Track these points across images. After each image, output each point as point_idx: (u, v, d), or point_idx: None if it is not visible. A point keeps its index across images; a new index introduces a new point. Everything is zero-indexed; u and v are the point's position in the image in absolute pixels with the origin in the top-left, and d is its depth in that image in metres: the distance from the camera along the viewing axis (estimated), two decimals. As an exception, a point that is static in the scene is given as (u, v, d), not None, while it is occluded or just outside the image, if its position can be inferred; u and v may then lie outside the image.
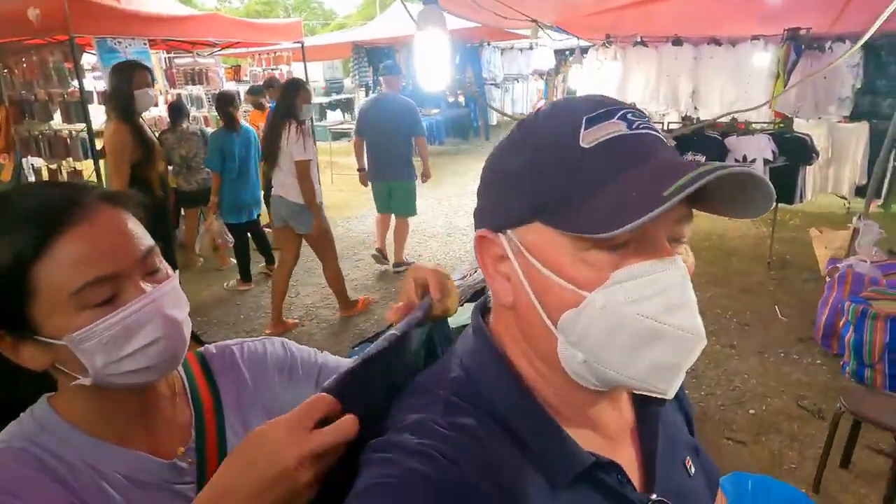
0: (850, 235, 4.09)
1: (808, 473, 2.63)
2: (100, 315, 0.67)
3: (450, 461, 0.52)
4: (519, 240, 0.57)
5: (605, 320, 0.51)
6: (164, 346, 0.71)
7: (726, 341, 3.87)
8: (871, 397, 2.50)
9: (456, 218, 7.04)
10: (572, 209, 0.52)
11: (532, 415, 0.58)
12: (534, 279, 0.56)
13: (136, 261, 0.71)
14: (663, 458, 0.65)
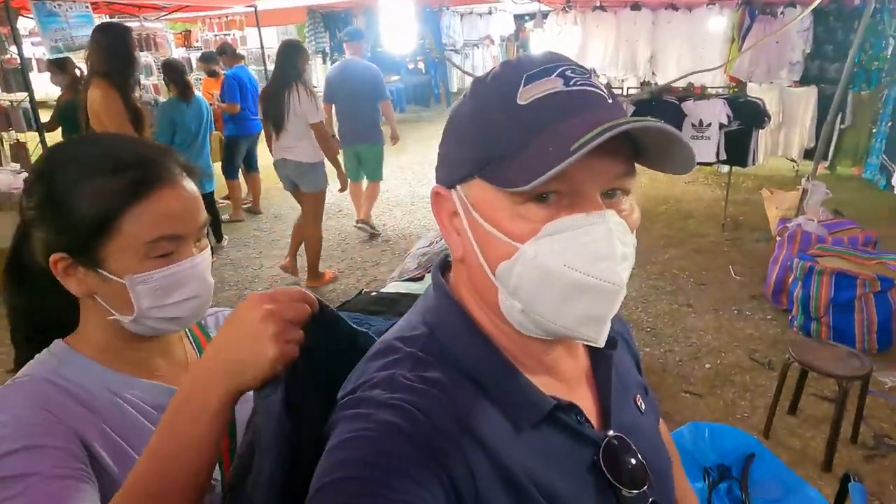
0: (799, 196, 4.27)
1: (760, 420, 2.80)
2: (157, 266, 0.77)
3: (421, 412, 0.54)
4: (465, 195, 0.59)
5: (537, 271, 0.54)
6: (197, 303, 0.82)
7: (683, 300, 4.03)
8: (816, 348, 2.65)
9: (419, 186, 7.01)
10: (504, 165, 0.55)
11: (494, 365, 0.60)
12: (477, 233, 0.58)
13: (198, 228, 0.81)
14: (617, 398, 0.69)
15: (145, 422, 0.81)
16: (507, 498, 0.55)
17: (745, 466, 2.12)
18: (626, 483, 0.62)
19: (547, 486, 0.57)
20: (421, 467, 0.51)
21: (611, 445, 0.63)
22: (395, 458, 0.51)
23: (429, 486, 0.51)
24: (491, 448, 0.55)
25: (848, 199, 5.92)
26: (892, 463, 2.51)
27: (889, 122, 6.10)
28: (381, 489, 0.49)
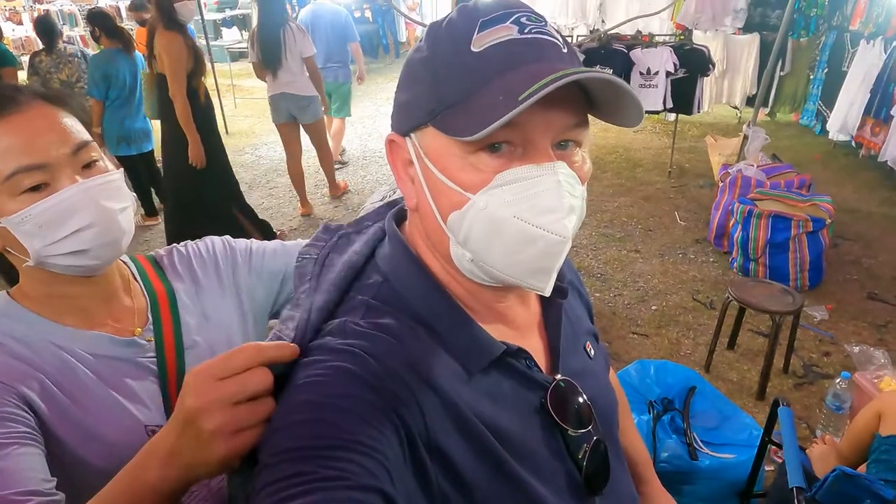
0: (740, 142, 4.41)
1: (701, 357, 2.97)
2: (33, 201, 0.73)
3: (372, 357, 0.55)
4: (419, 143, 0.59)
5: (486, 221, 0.55)
6: (97, 231, 0.77)
7: (631, 246, 4.16)
8: (752, 286, 2.81)
9: (370, 141, 6.89)
10: (455, 112, 0.54)
11: (447, 311, 0.62)
12: (430, 182, 0.58)
13: (67, 153, 0.76)
14: (566, 344, 0.72)
15: (90, 374, 0.79)
16: (459, 438, 0.57)
17: (687, 399, 2.26)
18: (572, 423, 0.65)
19: (496, 426, 0.59)
20: (373, 409, 0.52)
21: (558, 388, 0.66)
22: (348, 400, 0.52)
23: (381, 427, 0.52)
24: (442, 391, 0.57)
25: (786, 145, 6.16)
26: (819, 389, 2.72)
27: (825, 69, 6.31)
28: (334, 430, 0.50)
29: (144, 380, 0.84)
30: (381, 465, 0.50)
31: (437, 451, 0.55)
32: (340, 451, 0.49)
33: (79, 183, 0.76)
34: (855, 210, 4.66)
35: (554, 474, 0.64)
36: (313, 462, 0.49)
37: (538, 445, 0.63)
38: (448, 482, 0.55)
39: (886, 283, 3.63)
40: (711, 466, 2.00)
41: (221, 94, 7.31)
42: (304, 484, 0.47)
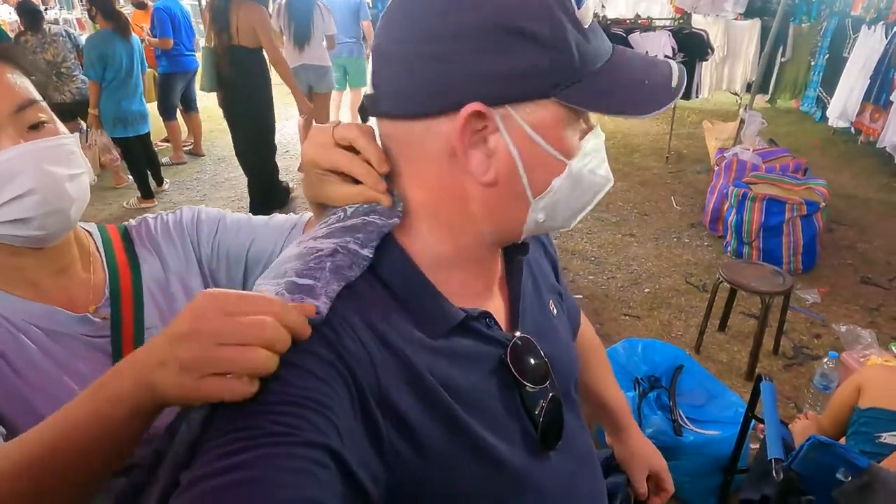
0: (737, 126, 4.39)
1: (692, 338, 2.97)
2: None
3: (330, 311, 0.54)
4: (520, 114, 0.56)
5: (573, 182, 0.60)
6: (39, 199, 0.70)
7: (627, 230, 4.16)
8: (743, 267, 2.81)
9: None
10: (590, 84, 0.57)
11: (412, 279, 0.61)
12: (529, 153, 0.57)
13: (8, 112, 0.70)
14: (528, 302, 0.72)
15: (37, 350, 0.75)
16: (412, 395, 0.56)
17: (674, 377, 2.27)
18: (529, 379, 0.65)
19: (451, 384, 0.59)
20: (324, 364, 0.52)
21: (516, 346, 0.66)
22: (300, 356, 0.51)
23: (332, 383, 0.51)
24: (400, 352, 0.57)
25: (786, 132, 6.14)
26: (808, 370, 2.72)
27: (826, 55, 6.27)
28: (284, 386, 0.50)
29: (95, 360, 0.78)
30: (330, 421, 0.50)
31: (388, 407, 0.55)
32: (289, 406, 0.49)
33: (20, 145, 0.69)
34: (852, 196, 4.65)
35: (509, 430, 0.64)
36: (261, 417, 0.48)
37: (494, 402, 0.63)
38: (400, 438, 0.55)
39: (881, 268, 3.63)
40: (696, 442, 2.01)
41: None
42: (251, 439, 0.47)
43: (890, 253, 3.79)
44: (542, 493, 0.66)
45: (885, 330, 3.01)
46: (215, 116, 7.03)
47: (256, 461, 0.46)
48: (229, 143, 6.24)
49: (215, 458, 0.46)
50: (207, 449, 0.48)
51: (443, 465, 0.57)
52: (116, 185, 5.18)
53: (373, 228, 0.60)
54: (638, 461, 1.02)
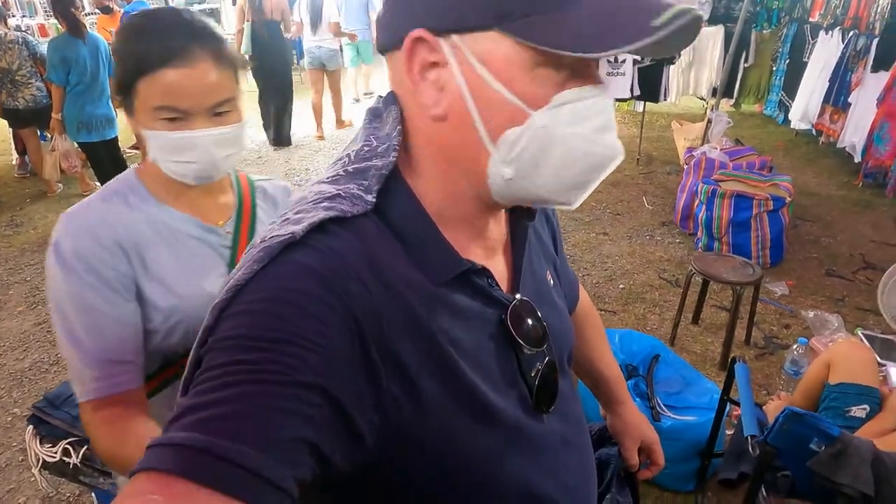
0: (705, 126, 4.50)
1: (667, 331, 3.02)
2: (165, 127, 0.92)
3: (335, 253, 0.54)
4: (469, 47, 0.53)
5: (544, 140, 0.53)
6: (196, 168, 0.96)
7: (600, 229, 4.21)
8: (714, 260, 2.87)
9: (341, 131, 6.85)
10: (544, 20, 0.50)
11: (419, 222, 0.60)
12: (479, 92, 0.53)
13: (206, 107, 0.93)
14: (529, 267, 0.72)
15: (179, 247, 0.99)
16: (412, 342, 0.56)
17: (651, 366, 2.30)
18: (526, 341, 0.65)
19: (453, 336, 0.59)
20: (326, 306, 0.51)
21: (516, 307, 0.66)
22: (301, 296, 0.51)
23: (331, 324, 0.51)
24: (401, 295, 0.56)
25: (750, 134, 6.32)
26: (778, 359, 2.79)
27: (787, 60, 6.47)
28: (282, 323, 0.49)
29: (216, 263, 1.03)
30: (327, 362, 0.49)
31: (388, 353, 0.54)
32: (285, 344, 0.48)
33: (201, 130, 0.93)
34: (815, 194, 4.80)
35: (505, 388, 0.64)
36: (256, 352, 0.48)
37: (491, 360, 0.63)
38: (398, 384, 0.55)
39: (844, 261, 3.74)
40: (673, 427, 2.04)
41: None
42: (245, 373, 0.47)
43: (853, 247, 3.92)
44: (534, 453, 0.66)
45: (851, 319, 3.10)
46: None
47: (247, 395, 0.45)
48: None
49: (209, 388, 0.46)
50: (203, 379, 0.47)
51: (438, 413, 0.57)
52: (83, 192, 5.04)
53: (374, 172, 0.58)
54: (631, 433, 1.02)
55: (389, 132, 0.61)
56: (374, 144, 0.61)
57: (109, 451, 0.90)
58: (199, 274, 1.01)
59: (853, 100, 5.02)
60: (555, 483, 0.68)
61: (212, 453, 0.42)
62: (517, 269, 0.71)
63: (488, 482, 0.61)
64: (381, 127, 0.63)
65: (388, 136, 0.61)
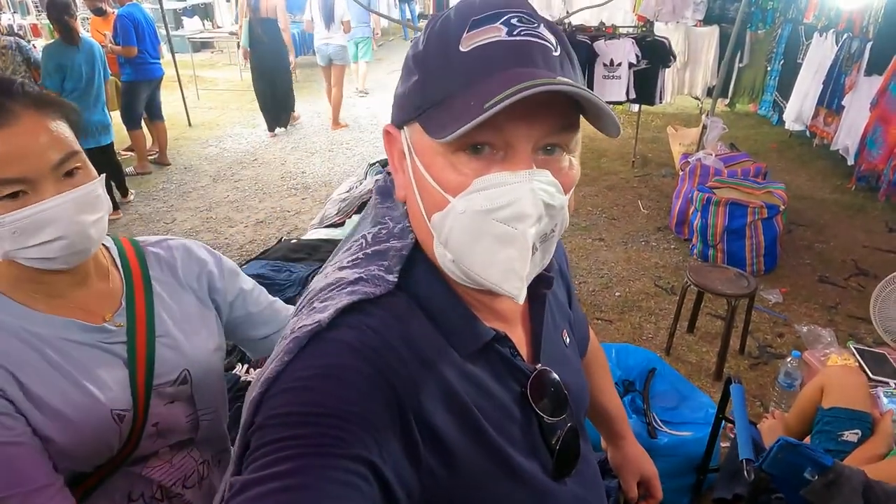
0: (700, 132, 4.52)
1: (662, 340, 3.06)
2: (7, 209, 0.75)
3: (373, 331, 0.57)
4: (408, 137, 0.60)
5: (467, 224, 0.55)
6: (66, 244, 0.79)
7: (596, 235, 4.24)
8: (710, 271, 2.90)
9: (337, 133, 6.84)
10: (436, 112, 0.55)
11: (443, 296, 0.63)
12: (417, 178, 0.59)
13: (50, 167, 0.77)
14: (547, 335, 0.74)
15: (58, 359, 0.83)
16: (448, 415, 0.59)
17: (647, 380, 2.34)
18: (548, 411, 0.68)
19: (481, 406, 0.62)
20: (370, 382, 0.54)
21: (538, 377, 0.68)
22: (347, 372, 0.53)
23: (375, 400, 0.53)
24: (435, 369, 0.59)
25: (745, 135, 6.35)
26: (772, 368, 2.83)
27: (782, 61, 6.50)
28: (331, 399, 0.51)
29: (112, 365, 0.88)
30: (373, 437, 0.51)
31: (426, 426, 0.57)
32: (335, 419, 0.50)
33: (56, 197, 0.77)
34: (808, 197, 4.84)
35: (530, 454, 0.67)
36: (308, 427, 0.50)
37: (515, 428, 0.66)
38: (435, 456, 0.57)
39: (837, 267, 3.79)
40: (670, 444, 2.07)
41: (184, 85, 7.16)
42: (300, 447, 0.49)
43: (845, 252, 3.97)
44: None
45: (843, 327, 3.15)
46: (179, 124, 6.92)
47: (304, 469, 0.48)
48: (196, 151, 6.16)
49: (265, 464, 0.48)
50: (257, 456, 0.49)
51: (474, 481, 0.60)
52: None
53: (394, 253, 0.62)
54: (630, 467, 1.06)
55: (404, 213, 0.65)
56: (390, 226, 0.65)
57: None
58: (92, 387, 0.84)
59: (847, 103, 5.06)
60: None
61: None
62: (536, 337, 0.73)
63: None
64: (393, 207, 0.67)
65: (402, 215, 0.65)
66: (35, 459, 0.77)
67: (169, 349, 0.94)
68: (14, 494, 0.74)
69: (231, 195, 5.05)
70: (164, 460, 0.95)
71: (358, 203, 3.35)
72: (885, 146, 4.54)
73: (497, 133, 0.53)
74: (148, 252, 0.99)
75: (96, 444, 0.84)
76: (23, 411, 0.79)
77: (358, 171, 4.72)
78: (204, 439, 1.01)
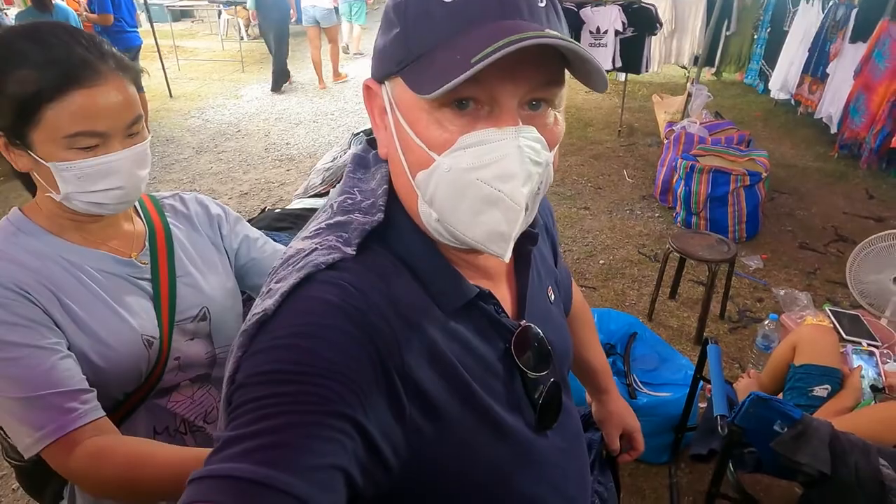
0: (685, 100, 4.52)
1: (645, 306, 3.10)
2: (80, 156, 0.83)
3: (356, 290, 0.56)
4: (390, 91, 0.58)
5: (452, 183, 0.54)
6: (121, 193, 0.88)
7: (581, 204, 4.26)
8: (691, 237, 2.94)
9: (322, 103, 6.76)
10: (419, 66, 0.53)
11: (427, 254, 0.63)
12: (400, 135, 0.57)
13: (124, 126, 0.86)
14: (532, 291, 0.75)
15: (95, 287, 0.90)
16: (432, 372, 0.59)
17: (628, 344, 2.38)
18: (531, 366, 0.69)
19: (465, 362, 0.63)
20: (352, 340, 0.54)
21: (522, 333, 0.69)
22: (329, 330, 0.53)
23: (359, 357, 0.53)
24: (419, 328, 0.59)
25: (730, 104, 6.36)
26: (751, 332, 2.89)
27: (769, 28, 6.47)
28: (313, 357, 0.52)
29: (140, 296, 0.95)
30: (356, 394, 0.52)
31: (411, 383, 0.57)
32: (318, 377, 0.51)
33: (123, 151, 0.86)
34: (791, 165, 4.88)
35: (513, 408, 0.68)
36: (291, 385, 0.50)
37: (499, 383, 0.67)
38: (420, 413, 0.58)
39: (817, 233, 3.85)
40: (649, 404, 2.13)
41: (164, 56, 7.01)
42: (283, 405, 0.49)
43: (826, 219, 4.02)
44: (539, 468, 0.70)
45: (821, 292, 3.22)
46: (160, 95, 6.80)
47: (287, 426, 0.48)
48: (178, 123, 6.07)
49: (248, 421, 0.49)
50: (240, 413, 0.50)
51: (459, 436, 0.61)
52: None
53: (357, 226, 0.61)
54: (614, 421, 1.09)
55: (375, 188, 0.64)
56: (357, 198, 0.64)
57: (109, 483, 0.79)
58: (125, 312, 0.92)
59: (831, 70, 5.07)
60: (558, 495, 0.73)
61: (260, 483, 0.45)
62: (521, 294, 0.74)
63: (500, 497, 0.66)
64: (366, 179, 0.66)
65: (373, 191, 0.64)
66: (71, 368, 0.83)
67: (189, 287, 1.01)
68: (48, 394, 0.79)
69: (215, 167, 5.00)
70: (185, 395, 1.01)
71: (342, 172, 3.33)
72: (867, 114, 4.58)
73: (482, 88, 0.52)
74: (164, 203, 1.07)
75: (128, 367, 0.91)
76: (63, 328, 0.85)
77: (342, 140, 4.68)
78: (221, 377, 1.05)
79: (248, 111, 6.50)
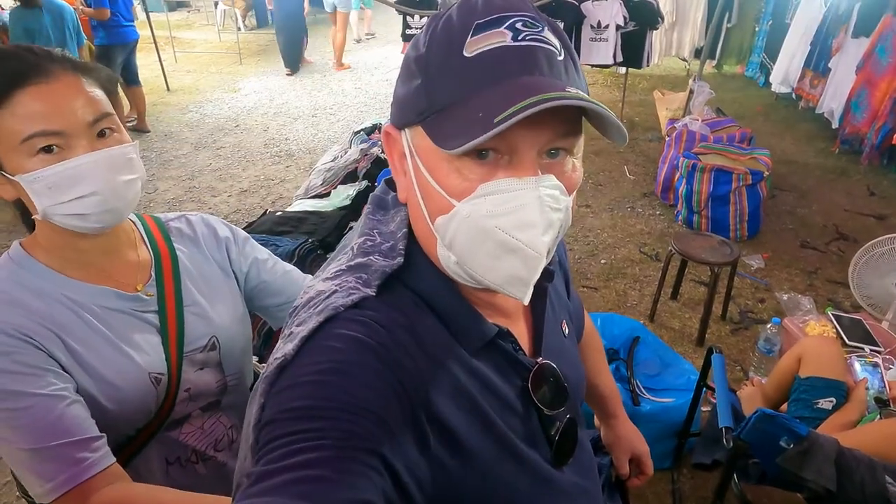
0: (687, 97, 4.50)
1: (647, 307, 3.10)
2: (45, 163, 0.79)
3: (383, 327, 0.58)
4: (410, 140, 0.59)
5: (471, 229, 0.55)
6: (99, 200, 0.83)
7: (582, 201, 4.25)
8: (693, 238, 2.93)
9: (320, 96, 6.71)
10: (441, 118, 0.54)
11: (448, 294, 0.64)
12: (420, 181, 0.59)
13: (85, 124, 0.81)
14: (548, 328, 0.76)
15: (98, 325, 0.88)
16: (457, 409, 0.60)
17: (631, 349, 2.39)
18: (547, 403, 0.70)
19: (487, 399, 0.64)
20: (379, 377, 0.55)
21: (539, 371, 0.70)
22: (357, 368, 0.54)
23: (386, 395, 0.54)
24: (444, 364, 0.60)
25: (731, 98, 6.32)
26: (753, 334, 2.90)
27: (770, 21, 6.43)
28: (342, 394, 0.52)
29: (146, 332, 0.93)
30: (384, 430, 0.53)
31: (436, 420, 0.58)
32: (348, 413, 0.51)
33: (89, 154, 0.81)
34: (792, 161, 4.87)
35: (531, 443, 0.69)
36: (321, 421, 0.51)
37: (517, 419, 0.68)
38: (445, 449, 0.59)
39: (818, 232, 3.84)
40: (652, 410, 2.13)
41: (160, 48, 6.94)
42: (313, 440, 0.49)
43: (827, 217, 4.02)
44: (558, 500, 0.72)
45: (822, 292, 3.22)
46: (158, 90, 6.74)
47: (323, 461, 0.49)
48: (176, 118, 6.03)
49: (282, 455, 0.49)
50: (271, 448, 0.50)
51: (481, 470, 0.62)
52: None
53: (377, 268, 0.62)
54: (622, 445, 1.10)
55: (395, 231, 0.65)
56: (377, 240, 0.65)
57: None
58: (130, 350, 0.89)
59: (833, 65, 5.04)
60: None
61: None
62: (538, 331, 0.75)
63: None
64: (385, 221, 0.67)
65: (392, 234, 0.65)
66: (80, 415, 0.81)
67: (197, 317, 0.99)
68: (59, 445, 0.78)
69: (214, 163, 4.97)
70: (195, 426, 1.00)
71: (343, 173, 3.31)
72: (869, 109, 4.56)
73: (503, 140, 0.53)
74: (170, 227, 1.04)
75: (137, 405, 0.89)
76: (69, 370, 0.83)
77: (342, 138, 4.65)
78: (230, 404, 1.06)
79: (247, 105, 6.46)
